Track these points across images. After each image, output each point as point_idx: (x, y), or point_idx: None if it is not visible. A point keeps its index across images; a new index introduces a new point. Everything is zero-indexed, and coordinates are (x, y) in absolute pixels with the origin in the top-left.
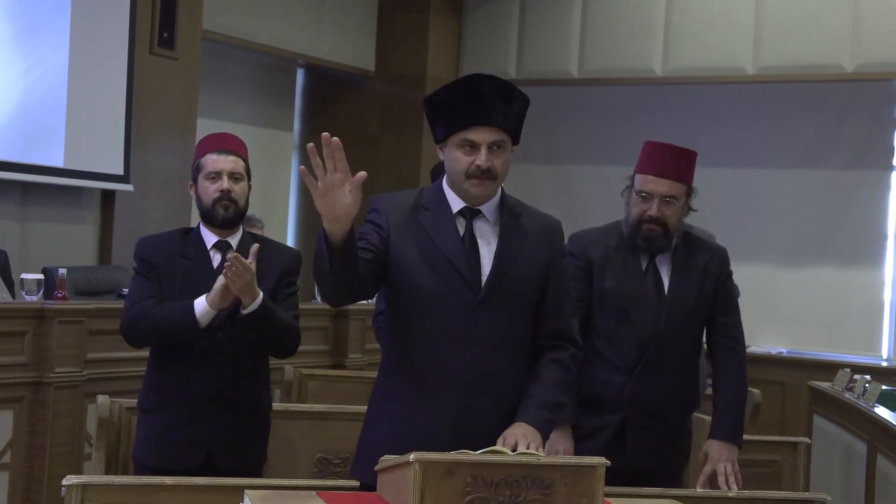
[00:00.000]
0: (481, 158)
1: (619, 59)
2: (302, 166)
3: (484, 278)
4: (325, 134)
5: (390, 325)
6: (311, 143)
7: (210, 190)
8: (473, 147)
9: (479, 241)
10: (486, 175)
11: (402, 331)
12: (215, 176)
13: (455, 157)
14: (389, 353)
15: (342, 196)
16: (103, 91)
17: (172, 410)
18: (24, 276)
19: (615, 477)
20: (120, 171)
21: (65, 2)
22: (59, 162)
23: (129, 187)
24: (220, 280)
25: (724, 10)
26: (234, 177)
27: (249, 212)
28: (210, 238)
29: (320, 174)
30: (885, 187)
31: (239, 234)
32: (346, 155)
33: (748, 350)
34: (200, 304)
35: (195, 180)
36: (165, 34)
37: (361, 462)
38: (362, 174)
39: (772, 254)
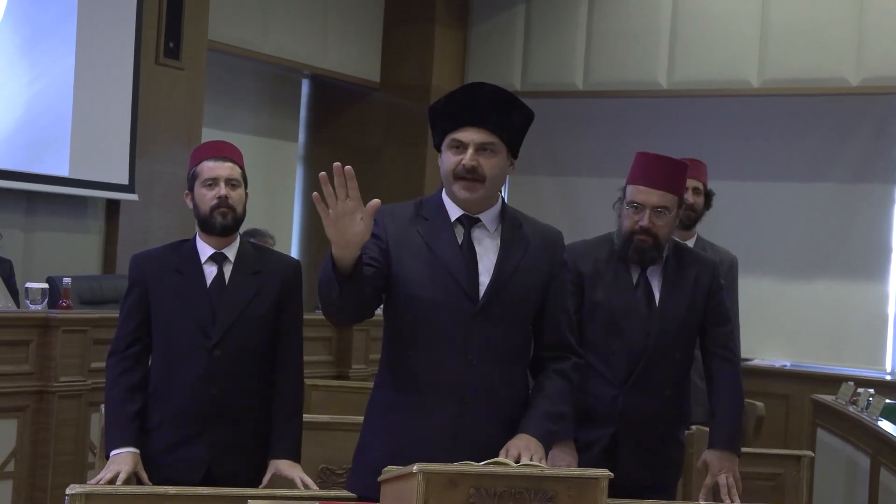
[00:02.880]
0: (466, 157)
1: (625, 72)
2: (315, 193)
3: (482, 287)
4: (337, 164)
5: (387, 335)
6: (323, 172)
7: (207, 197)
8: (460, 147)
9: (478, 249)
10: (473, 175)
11: (399, 340)
12: (212, 183)
13: (445, 159)
14: (385, 363)
15: (353, 224)
16: (109, 100)
17: (171, 429)
18: (28, 285)
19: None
20: (125, 180)
21: (71, 11)
22: (64, 171)
23: (133, 197)
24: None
25: (730, 23)
26: (230, 183)
27: (260, 226)
28: (205, 250)
29: (332, 202)
30: (890, 201)
31: (236, 244)
32: (350, 166)
33: (752, 363)
34: (116, 451)
35: (192, 189)
36: (171, 44)
37: (358, 474)
38: (375, 202)
39: (775, 267)
